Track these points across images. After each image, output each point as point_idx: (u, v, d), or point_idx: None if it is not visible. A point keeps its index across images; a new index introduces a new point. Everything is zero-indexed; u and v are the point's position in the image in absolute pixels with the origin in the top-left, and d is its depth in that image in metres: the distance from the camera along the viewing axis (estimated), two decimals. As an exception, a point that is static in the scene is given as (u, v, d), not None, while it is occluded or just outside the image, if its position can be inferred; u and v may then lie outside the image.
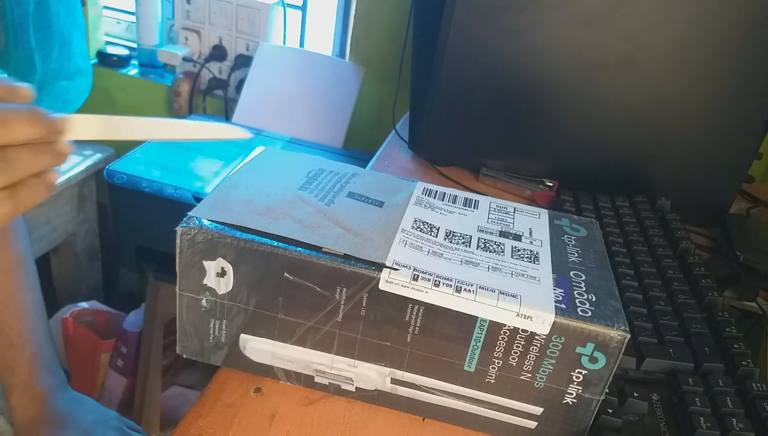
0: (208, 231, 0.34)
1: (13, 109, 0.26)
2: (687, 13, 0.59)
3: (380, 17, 1.19)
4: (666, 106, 0.64)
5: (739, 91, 0.62)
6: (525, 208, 0.44)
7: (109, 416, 0.65)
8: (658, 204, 0.64)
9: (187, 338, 0.38)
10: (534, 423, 0.36)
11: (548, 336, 0.33)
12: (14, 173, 0.26)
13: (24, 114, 0.27)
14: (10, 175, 0.26)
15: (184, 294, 0.36)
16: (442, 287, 0.33)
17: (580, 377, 0.34)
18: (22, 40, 1.03)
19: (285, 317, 0.36)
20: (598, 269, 0.38)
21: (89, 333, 1.15)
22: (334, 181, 0.41)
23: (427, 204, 0.41)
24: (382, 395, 0.38)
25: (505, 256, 0.37)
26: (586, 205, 0.62)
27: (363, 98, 1.23)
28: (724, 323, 0.46)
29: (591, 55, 0.62)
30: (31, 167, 0.27)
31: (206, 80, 1.35)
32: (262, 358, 0.38)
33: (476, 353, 0.34)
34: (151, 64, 1.38)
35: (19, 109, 0.27)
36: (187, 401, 1.20)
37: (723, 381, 0.40)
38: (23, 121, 0.26)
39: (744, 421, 0.37)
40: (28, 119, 0.27)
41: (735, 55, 0.60)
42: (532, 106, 0.66)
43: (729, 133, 0.64)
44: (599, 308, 0.33)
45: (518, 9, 0.61)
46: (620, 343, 0.32)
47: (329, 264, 0.33)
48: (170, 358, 1.17)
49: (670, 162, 0.67)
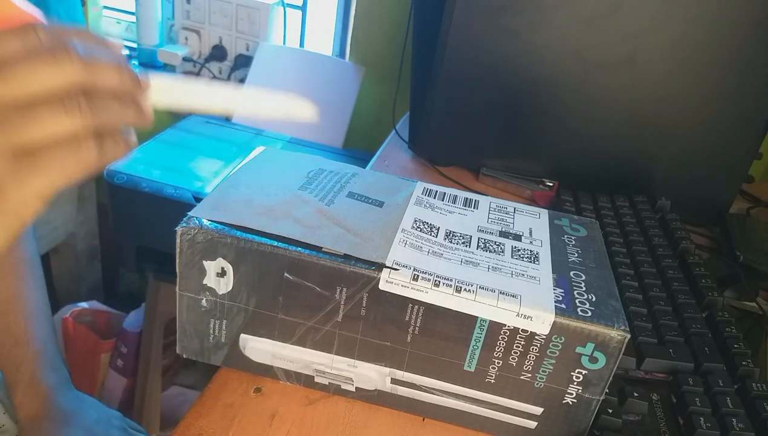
0: (208, 231, 0.34)
1: (103, 56, 0.27)
2: (687, 13, 0.59)
3: (380, 17, 1.19)
4: (666, 106, 0.64)
5: (739, 91, 0.62)
6: (525, 208, 0.44)
7: (112, 415, 0.65)
8: (658, 204, 0.64)
9: (187, 338, 0.38)
10: (534, 423, 0.36)
11: (548, 336, 0.33)
12: (102, 118, 0.27)
13: (115, 63, 0.27)
14: (98, 117, 0.27)
15: (184, 294, 0.36)
16: (442, 287, 0.33)
17: (580, 377, 0.34)
18: (22, 40, 1.02)
19: (285, 317, 0.36)
20: (598, 269, 0.38)
21: (89, 333, 1.15)
22: (334, 181, 0.41)
23: (427, 204, 0.41)
24: (382, 395, 0.38)
25: (505, 256, 0.37)
26: (586, 205, 0.62)
27: (363, 98, 1.23)
28: (724, 323, 0.46)
29: (591, 55, 0.62)
30: (116, 116, 0.28)
31: (206, 80, 1.35)
32: (262, 358, 0.38)
33: (476, 353, 0.34)
34: (151, 64, 1.38)
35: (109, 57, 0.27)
36: (187, 401, 1.20)
37: (723, 381, 0.40)
38: (112, 68, 0.27)
39: (744, 421, 0.37)
40: (117, 67, 0.27)
41: (735, 55, 0.60)
42: (532, 106, 0.66)
43: (729, 133, 0.64)
44: (599, 308, 0.33)
45: (518, 9, 0.61)
46: (620, 343, 0.32)
47: (329, 264, 0.33)
48: (170, 358, 1.17)
49: (670, 162, 0.67)
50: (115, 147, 0.28)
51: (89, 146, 0.27)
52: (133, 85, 0.29)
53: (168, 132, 1.17)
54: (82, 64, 0.26)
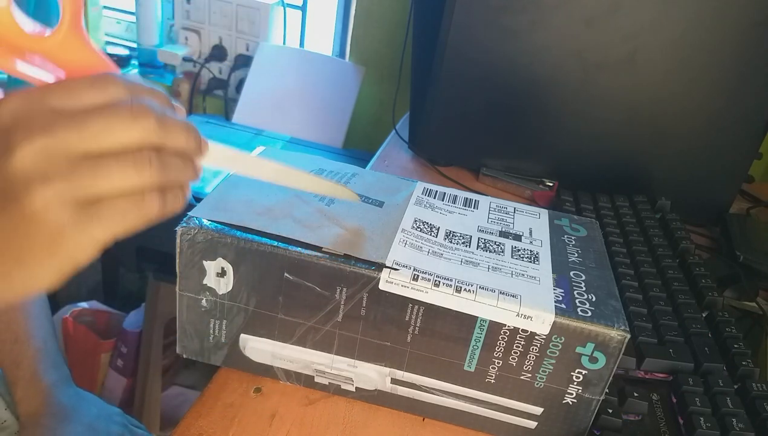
0: (208, 231, 0.34)
1: (175, 118, 0.28)
2: (687, 12, 0.59)
3: (380, 17, 1.19)
4: (666, 106, 0.64)
5: (739, 91, 0.62)
6: (525, 208, 0.44)
7: (112, 411, 0.65)
8: (658, 204, 0.64)
9: (187, 338, 0.38)
10: (534, 423, 0.36)
11: (548, 336, 0.33)
12: (168, 175, 0.28)
13: (183, 124, 0.29)
14: (164, 175, 0.27)
15: (184, 294, 0.36)
16: (442, 287, 0.33)
17: (580, 377, 0.34)
18: (22, 40, 1.02)
19: (285, 317, 0.36)
20: (598, 269, 0.38)
21: (89, 333, 1.15)
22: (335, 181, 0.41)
23: (427, 204, 0.41)
24: (382, 395, 0.38)
25: (505, 256, 0.37)
26: (586, 205, 0.62)
27: (363, 98, 1.23)
28: (724, 323, 0.46)
29: (591, 55, 0.62)
30: (179, 174, 0.29)
31: (206, 80, 1.35)
32: (262, 358, 0.38)
33: (476, 353, 0.34)
34: (151, 64, 1.38)
35: (179, 119, 0.29)
36: (187, 401, 1.20)
37: (723, 381, 0.40)
38: (182, 130, 0.28)
39: (744, 421, 0.37)
40: (186, 130, 0.29)
41: (735, 55, 0.60)
42: (532, 106, 0.66)
43: (729, 133, 0.64)
44: (599, 308, 0.33)
45: (518, 9, 0.61)
46: (620, 343, 0.32)
47: (329, 264, 0.33)
48: (170, 358, 1.17)
49: (670, 162, 0.67)
50: (174, 200, 0.29)
51: (152, 200, 0.27)
52: (195, 146, 0.30)
53: (168, 132, 1.17)
54: (157, 124, 0.27)
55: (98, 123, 0.26)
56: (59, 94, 0.26)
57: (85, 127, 0.26)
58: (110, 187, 0.26)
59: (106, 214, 0.26)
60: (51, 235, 0.26)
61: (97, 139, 0.26)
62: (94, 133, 0.26)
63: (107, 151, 0.26)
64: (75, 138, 0.25)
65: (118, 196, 0.27)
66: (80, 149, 0.26)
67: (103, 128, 0.26)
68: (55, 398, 0.60)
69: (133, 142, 0.26)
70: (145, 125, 0.27)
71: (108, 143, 0.26)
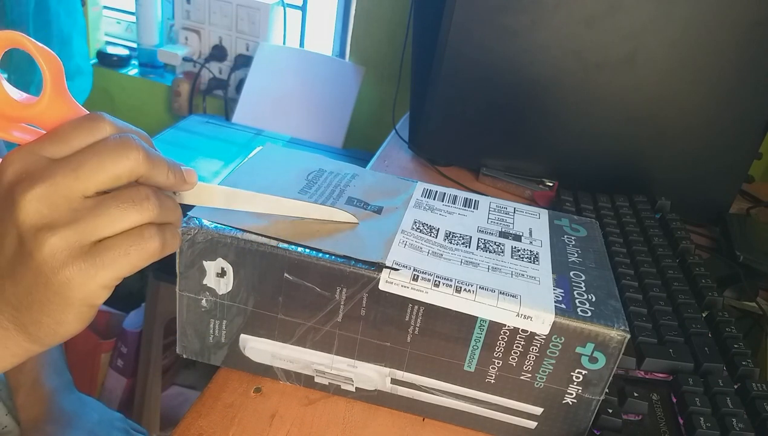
0: (209, 231, 0.34)
1: (159, 153, 0.30)
2: (687, 13, 0.59)
3: (380, 17, 1.19)
4: (666, 106, 0.64)
5: (739, 91, 0.62)
6: (525, 209, 0.44)
7: (114, 417, 0.65)
8: (658, 204, 0.64)
9: (187, 338, 0.38)
10: (534, 423, 0.36)
11: (548, 336, 0.33)
12: (163, 211, 0.29)
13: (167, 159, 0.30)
14: (161, 210, 0.29)
15: (184, 294, 0.36)
16: (442, 288, 0.33)
17: (580, 377, 0.34)
18: (22, 40, 1.02)
19: (285, 317, 0.36)
20: (597, 269, 0.38)
21: (89, 333, 1.15)
22: (334, 185, 0.41)
23: (427, 205, 0.41)
24: (382, 395, 0.38)
25: (505, 256, 0.37)
26: (586, 205, 0.62)
27: (363, 98, 1.23)
28: (724, 323, 0.46)
29: (591, 55, 0.62)
30: (172, 212, 0.30)
31: (206, 80, 1.35)
32: (262, 358, 0.38)
33: (476, 353, 0.34)
34: (151, 64, 1.38)
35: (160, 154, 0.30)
36: (187, 401, 1.20)
37: (723, 381, 0.40)
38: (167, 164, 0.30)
39: (744, 421, 0.37)
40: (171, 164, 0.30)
41: (735, 55, 0.60)
42: (532, 106, 0.66)
43: (729, 133, 0.64)
44: (599, 308, 0.33)
45: (518, 9, 0.61)
46: (620, 343, 0.32)
47: (329, 264, 0.33)
48: (170, 358, 1.17)
49: (670, 162, 0.67)
50: (173, 237, 0.30)
51: (152, 236, 0.28)
52: (181, 180, 0.31)
53: (168, 132, 1.17)
54: (144, 154, 0.28)
55: (91, 161, 0.27)
56: (51, 143, 0.28)
57: (80, 167, 0.27)
58: (111, 227, 0.28)
59: (109, 256, 0.28)
60: (62, 284, 0.27)
61: (93, 177, 0.27)
62: (88, 172, 0.27)
63: (103, 187, 0.27)
64: (72, 180, 0.27)
65: (122, 237, 0.28)
66: (79, 190, 0.27)
67: (96, 164, 0.27)
68: (56, 403, 0.60)
69: (124, 173, 0.28)
70: (133, 156, 0.28)
71: (102, 178, 0.27)
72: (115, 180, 0.28)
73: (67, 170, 0.27)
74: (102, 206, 0.27)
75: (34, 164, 0.27)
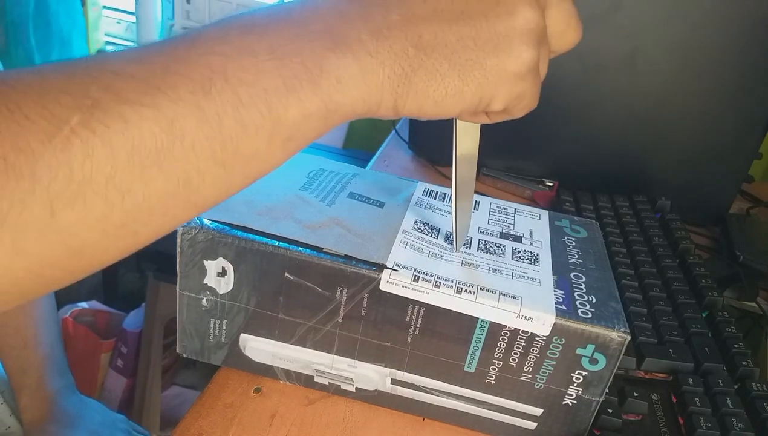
0: (209, 231, 0.34)
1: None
2: (687, 12, 0.59)
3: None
4: (666, 105, 0.64)
5: (739, 90, 0.62)
6: (525, 209, 0.44)
7: (116, 418, 0.65)
8: (658, 204, 0.64)
9: (187, 338, 0.38)
10: (534, 424, 0.36)
11: (549, 337, 0.33)
12: None
13: None
14: None
15: (184, 294, 0.36)
16: (443, 288, 0.33)
17: (581, 378, 0.34)
18: (22, 40, 1.03)
19: (285, 317, 0.36)
20: (598, 271, 0.38)
21: (89, 333, 1.15)
22: (335, 182, 0.41)
23: (428, 205, 0.41)
24: (382, 396, 0.38)
25: (506, 257, 0.37)
26: (586, 205, 0.62)
27: (363, 98, 1.23)
28: (724, 323, 0.46)
29: (591, 55, 0.62)
30: None
31: (206, 80, 1.35)
32: (262, 358, 0.38)
33: (476, 354, 0.34)
34: (151, 63, 1.37)
35: None
36: (187, 401, 1.20)
37: (723, 381, 0.40)
38: None
39: (744, 421, 0.37)
40: None
41: (735, 55, 0.60)
42: (532, 106, 0.66)
43: (729, 134, 0.64)
44: (599, 310, 0.33)
45: (518, 9, 0.61)
46: (620, 344, 0.32)
47: (330, 264, 0.33)
48: (170, 358, 1.17)
49: (670, 162, 0.67)
50: None
51: None
52: None
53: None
54: None
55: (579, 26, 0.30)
56: None
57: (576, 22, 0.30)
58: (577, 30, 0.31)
59: (541, 75, 0.29)
60: (508, 52, 0.25)
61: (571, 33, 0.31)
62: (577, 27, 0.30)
63: None
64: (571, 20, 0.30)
65: None
66: None
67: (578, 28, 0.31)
68: (59, 405, 0.60)
69: None
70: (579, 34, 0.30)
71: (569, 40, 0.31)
72: None
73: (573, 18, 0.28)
74: None
75: None
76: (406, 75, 0.24)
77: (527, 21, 0.25)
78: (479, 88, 0.25)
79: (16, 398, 0.60)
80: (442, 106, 0.25)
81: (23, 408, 0.60)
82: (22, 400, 0.60)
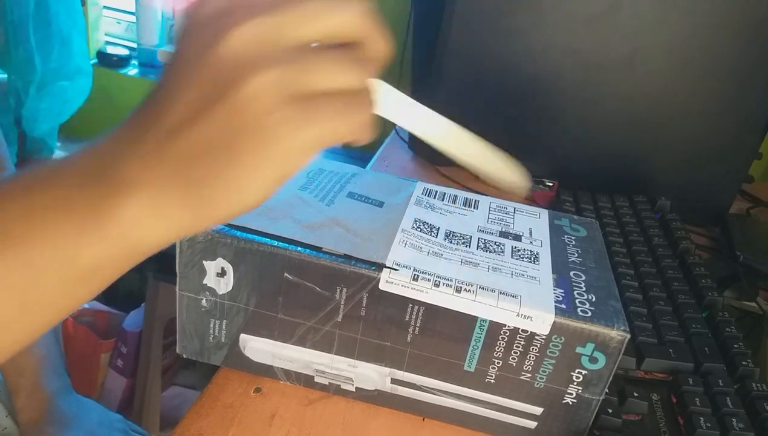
0: (208, 231, 0.34)
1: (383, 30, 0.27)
2: (687, 12, 0.59)
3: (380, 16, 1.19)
4: (666, 105, 0.64)
5: (739, 91, 0.62)
6: (525, 209, 0.44)
7: (113, 418, 0.65)
8: (658, 204, 0.64)
9: (187, 338, 0.38)
10: (534, 423, 0.36)
11: (548, 336, 0.33)
12: None
13: None
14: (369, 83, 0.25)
15: (184, 294, 0.36)
16: (442, 287, 0.33)
17: (580, 377, 0.34)
18: (22, 40, 1.03)
19: (285, 317, 0.36)
20: (598, 270, 0.38)
21: (89, 333, 1.15)
22: (334, 181, 0.41)
23: (427, 204, 0.41)
24: (382, 395, 0.38)
25: (505, 256, 0.37)
26: (586, 205, 0.62)
27: (363, 98, 1.23)
28: (724, 323, 0.46)
29: (591, 55, 0.62)
30: None
31: (206, 80, 1.35)
32: (262, 358, 0.38)
33: (476, 353, 0.34)
34: (151, 64, 1.38)
35: None
36: (187, 401, 1.20)
37: (723, 381, 0.40)
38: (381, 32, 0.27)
39: (744, 421, 0.37)
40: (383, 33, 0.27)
41: (735, 55, 0.60)
42: (532, 106, 0.66)
43: (729, 134, 0.64)
44: (599, 309, 0.33)
45: (518, 9, 0.61)
46: (620, 343, 0.32)
47: (329, 264, 0.33)
48: (170, 358, 1.17)
49: (670, 162, 0.67)
50: (368, 121, 0.26)
51: (365, 105, 0.25)
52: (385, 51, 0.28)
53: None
54: (364, 14, 0.25)
55: (310, 6, 0.24)
56: None
57: (301, 7, 0.23)
58: (325, 82, 0.24)
59: (322, 112, 0.23)
60: (263, 129, 0.23)
61: (315, 22, 0.24)
62: (304, 17, 0.24)
63: (319, 37, 0.24)
64: (291, 19, 0.23)
65: (333, 95, 0.24)
66: (291, 36, 0.23)
67: (315, 12, 0.24)
68: (56, 406, 0.60)
69: (347, 26, 0.25)
70: (354, 10, 0.25)
71: (325, 25, 0.24)
72: (337, 31, 0.24)
73: (280, 10, 0.23)
74: (322, 56, 0.24)
75: None
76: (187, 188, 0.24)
77: (255, 93, 0.23)
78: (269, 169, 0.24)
79: (13, 399, 0.60)
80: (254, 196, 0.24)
81: (20, 409, 0.60)
82: (18, 401, 0.60)
